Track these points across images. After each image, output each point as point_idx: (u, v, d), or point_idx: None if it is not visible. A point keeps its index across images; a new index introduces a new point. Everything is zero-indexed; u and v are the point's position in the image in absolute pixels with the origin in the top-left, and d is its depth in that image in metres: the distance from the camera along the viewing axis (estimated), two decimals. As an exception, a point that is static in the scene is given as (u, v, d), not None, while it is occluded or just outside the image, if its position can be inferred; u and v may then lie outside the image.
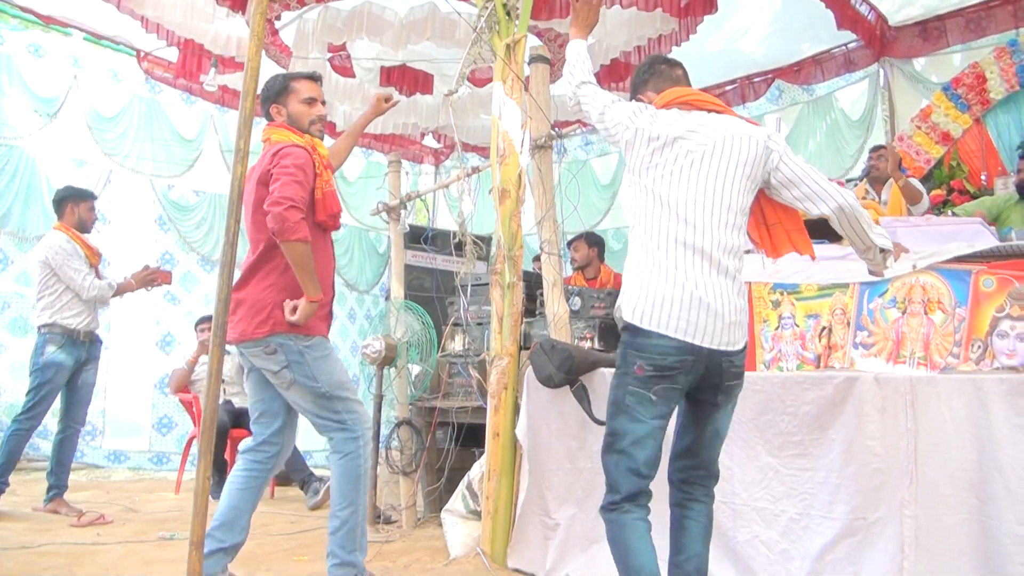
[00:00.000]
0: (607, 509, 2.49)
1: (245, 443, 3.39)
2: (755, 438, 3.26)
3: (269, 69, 6.55)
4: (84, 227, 5.34)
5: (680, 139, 2.59)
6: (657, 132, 2.60)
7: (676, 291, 2.46)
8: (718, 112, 2.69)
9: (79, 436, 5.41)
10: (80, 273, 5.15)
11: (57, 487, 5.21)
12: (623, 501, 2.46)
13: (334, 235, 3.49)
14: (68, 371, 5.12)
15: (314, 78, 3.47)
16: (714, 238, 2.51)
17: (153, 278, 5.52)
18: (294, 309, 3.13)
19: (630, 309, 2.50)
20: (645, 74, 2.88)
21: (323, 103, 3.45)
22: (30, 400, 5.04)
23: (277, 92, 3.38)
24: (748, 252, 2.86)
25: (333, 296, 3.41)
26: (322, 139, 3.43)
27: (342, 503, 3.20)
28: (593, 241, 6.50)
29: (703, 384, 2.53)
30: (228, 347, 6.70)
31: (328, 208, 3.27)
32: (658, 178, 2.57)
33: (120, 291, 5.36)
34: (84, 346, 5.20)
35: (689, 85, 2.86)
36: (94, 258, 5.33)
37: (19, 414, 5.08)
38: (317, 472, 6.21)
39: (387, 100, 3.84)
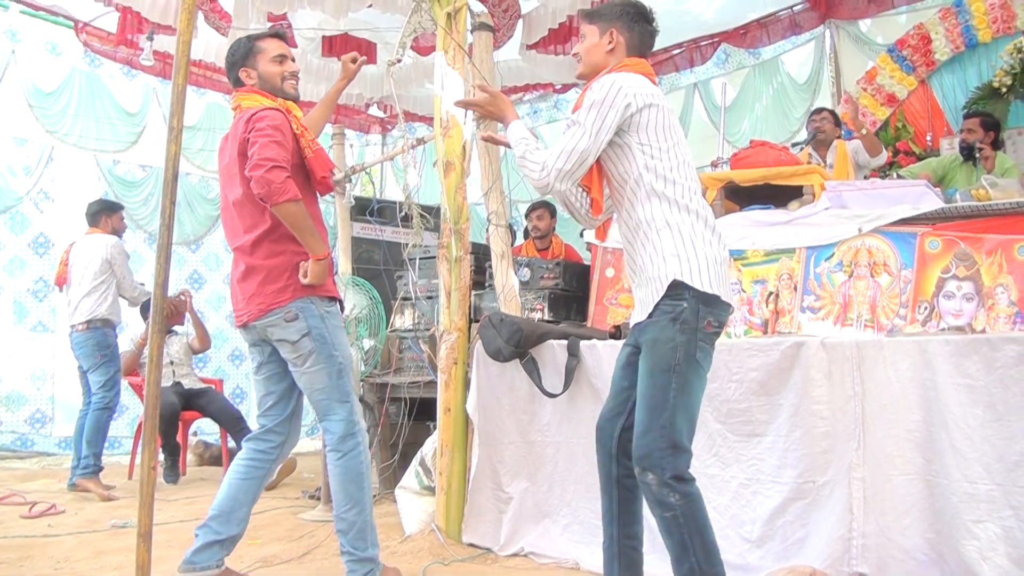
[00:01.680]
0: (686, 480, 2.39)
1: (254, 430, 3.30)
2: (703, 406, 3.27)
3: (210, 37, 6.40)
4: (118, 235, 5.93)
5: (667, 108, 2.59)
6: (657, 100, 2.55)
7: (722, 253, 2.52)
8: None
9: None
10: (130, 274, 5.82)
11: (93, 465, 5.44)
12: (688, 468, 2.42)
13: None
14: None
15: (280, 35, 3.36)
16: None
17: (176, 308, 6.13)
18: (305, 272, 3.04)
19: (693, 273, 2.44)
20: (634, 22, 2.71)
21: (292, 60, 3.32)
22: (112, 385, 5.57)
23: (244, 55, 3.24)
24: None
25: (332, 264, 3.26)
26: (297, 98, 3.30)
27: (347, 504, 3.07)
28: (554, 211, 6.47)
29: None
30: (176, 328, 6.65)
31: (324, 165, 3.16)
32: (676, 143, 2.56)
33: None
34: (115, 337, 5.78)
35: None
36: None
37: (104, 401, 5.50)
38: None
39: (354, 61, 3.66)
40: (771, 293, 3.98)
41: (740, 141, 7.13)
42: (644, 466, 2.40)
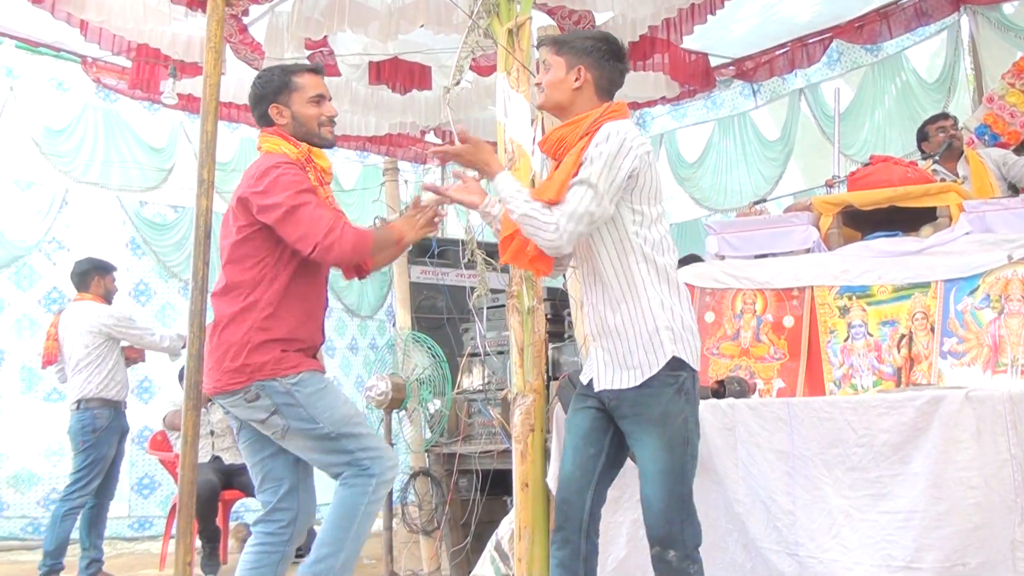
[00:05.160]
0: (698, 549, 2.72)
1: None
2: (822, 476, 3.23)
3: (239, 71, 6.61)
4: (109, 298, 6.00)
5: (655, 165, 2.86)
6: (651, 159, 2.81)
7: (694, 324, 2.85)
8: None
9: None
10: (147, 331, 5.96)
11: (98, 560, 5.68)
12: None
13: None
14: (115, 444, 5.79)
15: (317, 71, 3.41)
16: None
17: None
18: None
19: (686, 352, 2.76)
20: (604, 60, 2.90)
21: (330, 99, 3.39)
22: (82, 477, 5.58)
23: (277, 89, 3.27)
24: None
25: (323, 341, 3.37)
26: (333, 144, 3.40)
27: (325, 541, 3.09)
28: None
29: None
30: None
31: None
32: (661, 207, 2.86)
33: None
34: (123, 416, 5.88)
35: None
36: None
37: (70, 492, 5.57)
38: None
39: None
40: (903, 336, 3.90)
41: (859, 155, 7.02)
42: (665, 544, 2.68)
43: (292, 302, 3.17)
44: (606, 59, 2.88)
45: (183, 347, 5.77)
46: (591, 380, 2.89)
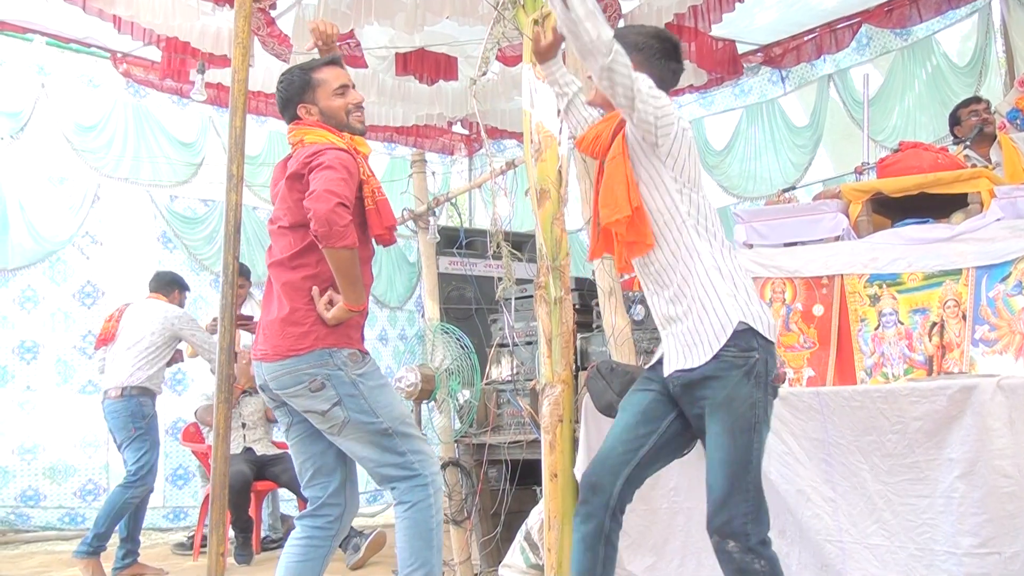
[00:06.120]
0: (767, 543, 2.60)
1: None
2: (859, 463, 3.22)
3: (269, 63, 6.64)
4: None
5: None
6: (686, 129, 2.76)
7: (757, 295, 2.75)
8: None
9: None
10: (207, 338, 5.97)
11: (134, 552, 5.75)
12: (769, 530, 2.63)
13: None
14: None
15: (337, 61, 3.40)
16: None
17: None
18: (330, 303, 3.08)
19: (755, 318, 2.65)
20: (656, 58, 2.84)
21: (354, 86, 3.38)
22: (147, 462, 5.67)
23: (300, 89, 3.28)
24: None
25: (366, 316, 3.34)
26: (363, 132, 3.39)
27: (412, 563, 3.12)
28: None
29: None
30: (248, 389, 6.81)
31: (384, 219, 3.23)
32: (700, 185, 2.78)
33: None
34: (153, 407, 5.93)
35: None
36: None
37: (134, 480, 5.61)
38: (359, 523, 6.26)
39: None
40: (934, 324, 3.87)
41: (888, 141, 6.96)
42: (725, 534, 2.57)
43: None
44: (657, 57, 2.82)
45: None
46: (658, 363, 2.83)
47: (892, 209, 4.45)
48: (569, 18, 2.58)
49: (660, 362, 2.83)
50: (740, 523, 2.56)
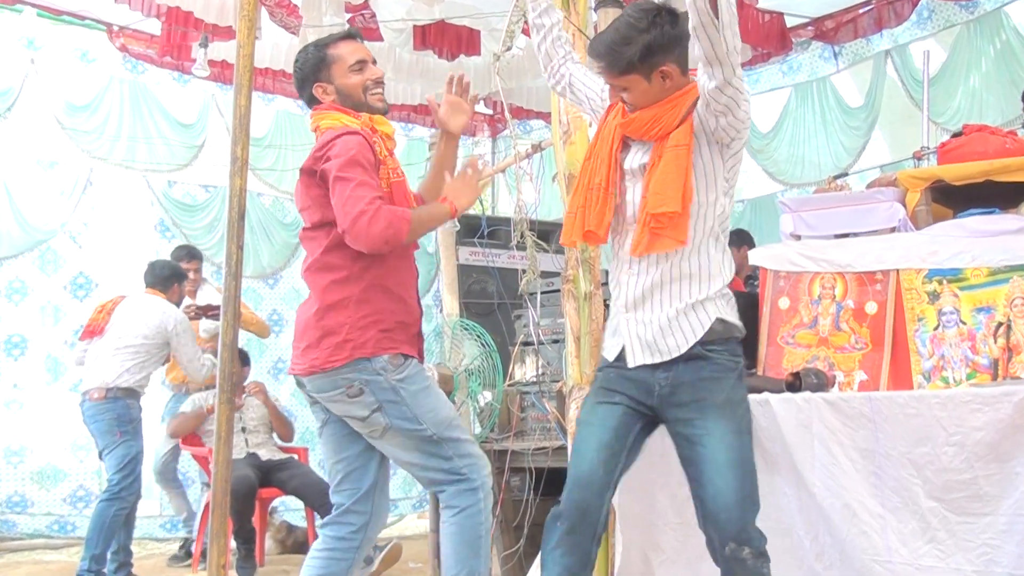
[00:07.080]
0: (768, 558, 2.74)
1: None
2: (911, 477, 3.20)
3: (278, 38, 6.66)
4: (179, 305, 6.23)
5: None
6: None
7: None
8: None
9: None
10: (197, 352, 6.08)
11: (127, 563, 5.82)
12: None
13: None
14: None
15: (353, 35, 3.45)
16: None
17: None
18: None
19: (740, 329, 2.93)
20: (674, 36, 2.82)
21: (374, 62, 3.43)
22: (132, 470, 5.66)
23: (315, 67, 3.33)
24: None
25: (421, 314, 3.39)
26: (385, 110, 3.42)
27: (457, 571, 3.16)
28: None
29: None
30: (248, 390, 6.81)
31: (399, 203, 3.25)
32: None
33: None
34: (140, 410, 5.90)
35: None
36: None
37: (119, 490, 5.59)
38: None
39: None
40: (1000, 324, 3.84)
41: (951, 123, 6.91)
42: (740, 540, 2.68)
43: (389, 275, 3.23)
44: (670, 41, 2.81)
45: (209, 376, 6.01)
46: (615, 362, 2.93)
47: (954, 198, 4.42)
48: (712, 23, 2.58)
49: (620, 358, 2.90)
50: (751, 527, 2.71)
